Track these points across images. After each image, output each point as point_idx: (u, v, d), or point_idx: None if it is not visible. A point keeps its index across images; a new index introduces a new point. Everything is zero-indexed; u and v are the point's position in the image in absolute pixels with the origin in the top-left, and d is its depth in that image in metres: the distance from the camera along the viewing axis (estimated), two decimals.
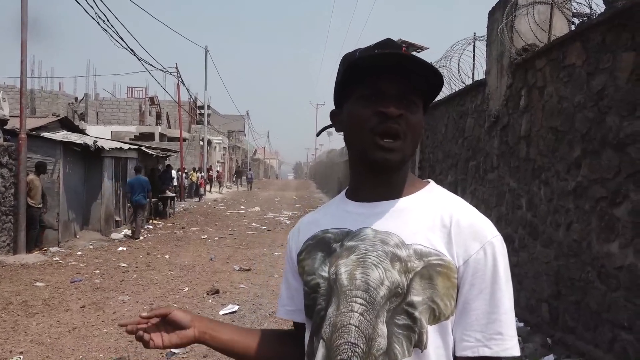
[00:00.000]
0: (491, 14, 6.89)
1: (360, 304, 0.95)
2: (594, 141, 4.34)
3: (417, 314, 0.94)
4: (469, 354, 0.94)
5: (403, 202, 1.02)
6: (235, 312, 6.19)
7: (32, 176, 9.91)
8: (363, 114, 0.98)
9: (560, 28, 5.68)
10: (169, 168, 18.91)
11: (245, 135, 60.15)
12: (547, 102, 5.29)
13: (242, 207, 22.56)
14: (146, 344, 1.09)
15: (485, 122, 7.02)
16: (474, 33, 7.91)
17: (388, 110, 0.95)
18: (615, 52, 4.08)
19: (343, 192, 1.13)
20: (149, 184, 12.97)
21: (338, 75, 1.04)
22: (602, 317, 4.12)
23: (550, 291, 5.01)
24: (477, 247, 0.96)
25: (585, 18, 5.42)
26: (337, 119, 1.09)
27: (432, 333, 0.94)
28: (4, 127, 10.07)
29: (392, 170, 1.00)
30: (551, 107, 5.17)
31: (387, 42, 1.01)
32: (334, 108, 1.11)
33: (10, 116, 11.17)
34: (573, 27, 5.55)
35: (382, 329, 0.94)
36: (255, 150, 71.19)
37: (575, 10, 5.65)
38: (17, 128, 9.73)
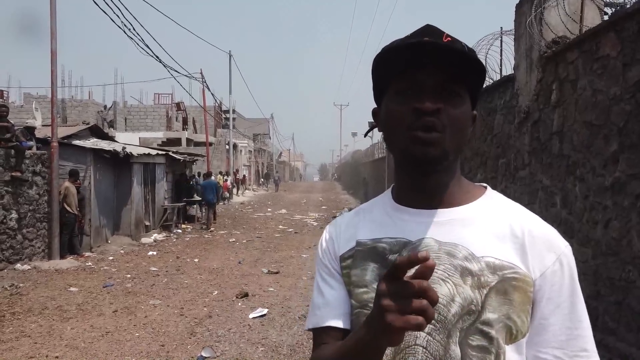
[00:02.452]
0: (518, 6, 6.72)
1: None
2: (632, 134, 4.17)
3: (493, 333, 0.86)
4: None
5: (466, 211, 0.94)
6: (264, 315, 6.19)
7: (67, 183, 10.16)
8: (399, 111, 0.90)
9: (592, 19, 5.48)
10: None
11: (270, 138, 60.58)
12: (580, 96, 5.11)
13: (268, 209, 22.68)
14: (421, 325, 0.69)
15: (515, 118, 6.85)
16: (501, 27, 7.73)
17: (423, 106, 0.86)
18: None
19: (386, 195, 1.04)
20: (216, 186, 16.49)
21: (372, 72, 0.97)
22: None
23: (589, 291, 4.83)
24: (553, 259, 0.89)
25: (619, 7, 5.23)
26: (378, 118, 1.01)
27: (509, 353, 0.87)
28: (37, 137, 10.33)
29: (433, 164, 0.90)
30: (585, 101, 5.00)
31: (426, 30, 0.91)
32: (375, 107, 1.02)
33: (43, 125, 11.48)
34: (606, 17, 5.35)
35: (455, 350, 0.86)
36: (281, 153, 71.61)
37: (607, 0, 5.45)
38: (49, 137, 9.98)
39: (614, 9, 5.13)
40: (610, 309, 4.46)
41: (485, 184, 1.01)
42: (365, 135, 1.40)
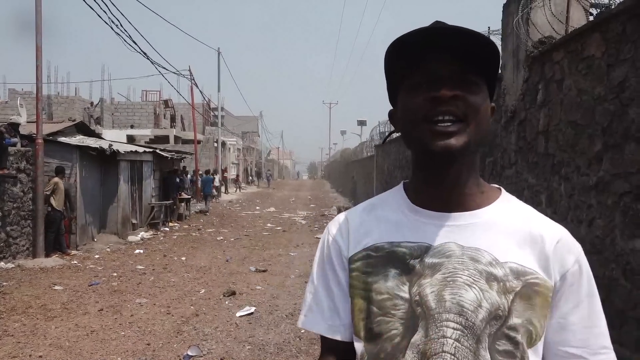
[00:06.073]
0: (506, 6, 6.77)
1: (454, 328, 0.85)
2: (616, 134, 4.22)
3: (519, 337, 0.86)
4: None
5: (486, 214, 0.92)
6: (251, 313, 6.17)
7: (57, 179, 10.04)
8: (415, 103, 0.87)
9: (578, 19, 5.54)
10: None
11: (259, 136, 60.42)
12: (565, 96, 5.16)
13: (257, 207, 22.62)
14: None
15: (502, 117, 6.90)
16: (488, 27, 7.80)
17: (439, 94, 0.84)
18: (637, 42, 3.95)
19: (399, 193, 0.99)
20: (212, 180, 20.68)
21: (385, 69, 0.95)
22: (628, 316, 4.00)
23: None
24: (573, 260, 0.90)
25: (604, 8, 5.29)
26: (395, 118, 0.97)
27: (530, 356, 0.88)
28: (22, 133, 10.19)
29: (456, 158, 0.87)
30: (570, 101, 5.05)
31: (436, 24, 0.89)
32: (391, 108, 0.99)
33: (28, 122, 11.32)
34: (591, 18, 5.41)
35: (486, 356, 0.84)
36: (270, 151, 71.48)
37: (593, 1, 5.52)
38: (34, 133, 9.85)
39: (599, 10, 5.18)
40: None
41: (499, 186, 1.00)
42: (383, 142, 1.46)
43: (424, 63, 0.86)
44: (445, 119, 0.85)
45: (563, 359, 0.89)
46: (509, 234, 0.90)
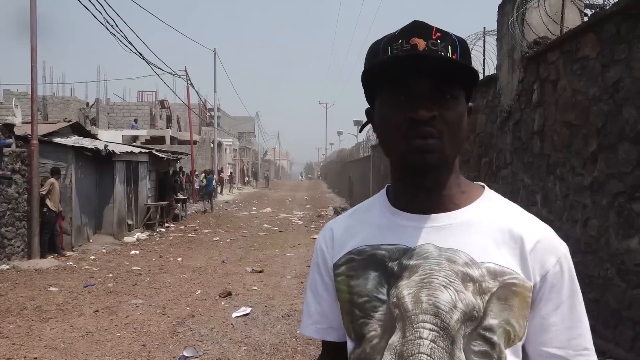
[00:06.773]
0: (501, 7, 6.78)
1: (430, 329, 0.86)
2: (610, 135, 4.23)
3: (495, 338, 0.86)
4: None
5: (465, 214, 0.92)
6: (247, 314, 6.16)
7: (52, 179, 10.00)
8: (394, 119, 0.89)
9: (573, 20, 5.56)
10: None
11: (255, 136, 60.38)
12: (560, 96, 5.18)
13: (253, 208, 22.60)
14: None
15: (497, 117, 6.91)
16: (484, 28, 7.79)
17: (417, 115, 0.85)
18: (631, 42, 3.97)
19: (382, 197, 1.01)
20: (212, 179, 21.90)
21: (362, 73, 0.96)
22: (623, 315, 4.01)
23: None
24: (554, 261, 0.90)
25: (598, 9, 5.31)
26: (372, 120, 0.98)
27: (508, 357, 0.88)
28: (17, 134, 10.15)
29: (431, 172, 0.90)
30: (565, 101, 5.06)
31: (414, 28, 0.88)
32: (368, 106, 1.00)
33: (23, 122, 11.28)
34: (586, 19, 5.44)
35: (460, 356, 0.85)
36: (266, 152, 71.45)
37: (587, 1, 5.54)
38: (29, 134, 9.81)
39: (593, 11, 5.20)
40: (589, 306, 4.51)
41: (482, 184, 1.00)
42: (360, 130, 1.45)
43: (402, 81, 0.87)
44: (423, 137, 0.87)
45: (545, 359, 0.89)
46: (488, 234, 0.90)
